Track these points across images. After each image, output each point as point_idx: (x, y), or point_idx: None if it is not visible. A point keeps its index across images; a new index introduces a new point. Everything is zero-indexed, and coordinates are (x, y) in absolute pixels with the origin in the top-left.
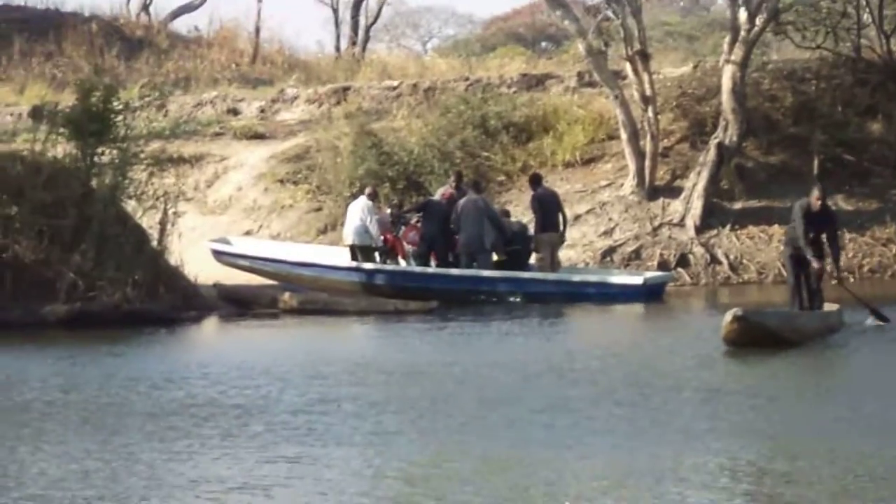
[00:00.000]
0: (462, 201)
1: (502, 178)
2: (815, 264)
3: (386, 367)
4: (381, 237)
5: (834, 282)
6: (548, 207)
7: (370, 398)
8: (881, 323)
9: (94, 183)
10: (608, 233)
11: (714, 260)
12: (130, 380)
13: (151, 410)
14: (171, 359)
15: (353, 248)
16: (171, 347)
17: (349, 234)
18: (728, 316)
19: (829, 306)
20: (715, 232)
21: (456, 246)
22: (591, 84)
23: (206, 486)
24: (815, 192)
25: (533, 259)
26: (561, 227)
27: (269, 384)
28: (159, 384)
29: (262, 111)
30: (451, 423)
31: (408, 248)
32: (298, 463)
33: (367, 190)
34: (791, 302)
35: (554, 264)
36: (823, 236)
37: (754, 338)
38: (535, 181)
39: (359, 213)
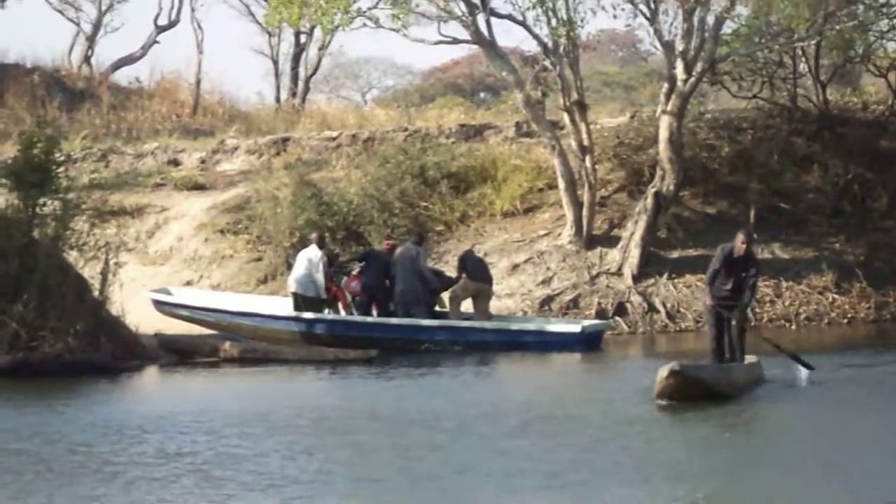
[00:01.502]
0: (398, 252)
1: (441, 227)
2: (709, 303)
3: (360, 415)
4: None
5: (733, 321)
6: (477, 264)
7: (357, 445)
8: (806, 370)
9: (35, 233)
10: (546, 282)
11: (651, 308)
12: (99, 427)
13: (129, 460)
14: (127, 408)
15: (295, 297)
16: (123, 396)
17: (292, 282)
18: (664, 371)
19: (748, 358)
20: (652, 281)
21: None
22: (529, 134)
23: None
24: (741, 236)
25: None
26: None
27: (251, 433)
28: (126, 432)
29: (203, 162)
30: (442, 470)
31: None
32: None
33: (313, 236)
34: (712, 351)
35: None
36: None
37: (689, 393)
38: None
39: (305, 262)
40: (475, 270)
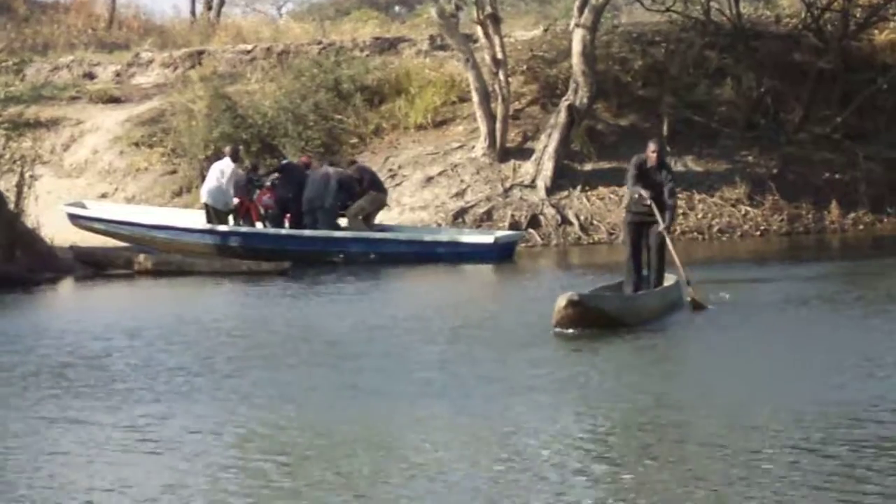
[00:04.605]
0: (318, 168)
1: (355, 140)
2: (645, 194)
3: (264, 326)
4: (235, 200)
5: (661, 229)
6: (375, 176)
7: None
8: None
9: None
10: (460, 194)
11: (565, 221)
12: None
13: (29, 369)
14: (40, 318)
15: (207, 208)
16: (36, 307)
17: (204, 193)
18: (562, 300)
19: (668, 279)
20: (566, 193)
21: None
22: (443, 47)
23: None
24: (651, 145)
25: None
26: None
27: (152, 344)
28: (37, 343)
29: (118, 75)
30: (326, 382)
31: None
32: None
33: (227, 149)
34: (627, 270)
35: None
36: (664, 195)
37: (590, 324)
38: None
39: (217, 174)
40: (377, 182)
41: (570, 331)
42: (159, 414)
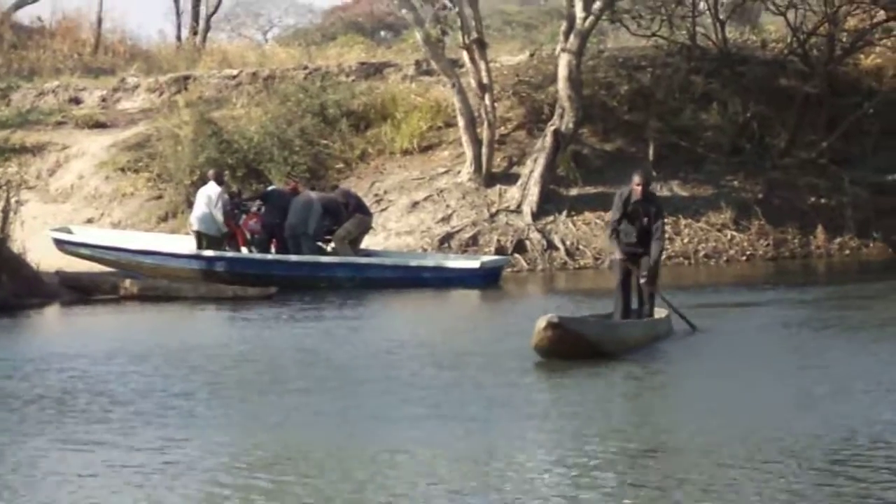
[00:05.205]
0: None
1: (341, 165)
2: (618, 256)
3: (252, 352)
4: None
5: (642, 280)
6: (360, 199)
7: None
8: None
9: None
10: (446, 219)
11: (551, 246)
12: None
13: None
14: (32, 344)
15: (198, 235)
16: (24, 333)
17: (194, 220)
18: (541, 322)
19: (658, 311)
20: (551, 218)
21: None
22: (429, 72)
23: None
24: (636, 178)
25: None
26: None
27: (157, 369)
28: (35, 369)
29: (104, 100)
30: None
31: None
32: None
33: (210, 173)
34: (615, 301)
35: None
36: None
37: (569, 348)
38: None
39: (205, 199)
40: (362, 205)
41: (551, 358)
42: (172, 438)
